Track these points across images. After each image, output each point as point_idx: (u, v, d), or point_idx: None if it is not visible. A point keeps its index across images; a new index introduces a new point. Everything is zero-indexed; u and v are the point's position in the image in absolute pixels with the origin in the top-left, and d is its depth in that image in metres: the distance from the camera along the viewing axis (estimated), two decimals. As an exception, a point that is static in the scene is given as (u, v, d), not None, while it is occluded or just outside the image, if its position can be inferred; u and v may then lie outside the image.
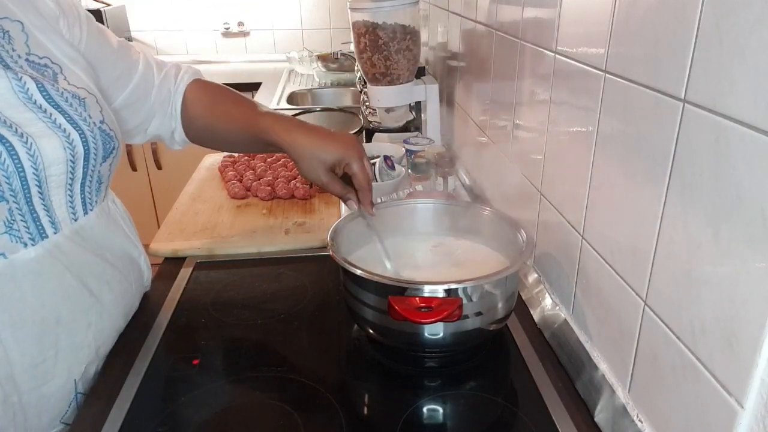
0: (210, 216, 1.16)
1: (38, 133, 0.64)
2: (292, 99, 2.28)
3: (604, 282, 0.64)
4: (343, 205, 1.18)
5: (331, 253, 0.72)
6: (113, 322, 0.77)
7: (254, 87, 2.56)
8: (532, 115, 0.85)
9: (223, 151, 1.03)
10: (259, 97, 2.35)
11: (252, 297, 0.91)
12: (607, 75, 0.61)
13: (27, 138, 0.62)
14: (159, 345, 0.78)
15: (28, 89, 0.65)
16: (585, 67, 0.66)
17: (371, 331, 0.73)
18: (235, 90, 0.93)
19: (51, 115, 0.66)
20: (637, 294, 0.57)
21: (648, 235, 0.54)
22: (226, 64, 3.10)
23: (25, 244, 0.64)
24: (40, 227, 0.65)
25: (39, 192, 0.64)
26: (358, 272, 0.68)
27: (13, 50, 0.66)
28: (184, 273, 0.97)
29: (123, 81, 0.84)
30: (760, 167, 0.40)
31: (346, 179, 0.83)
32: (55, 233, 0.67)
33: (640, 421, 0.58)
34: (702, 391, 0.47)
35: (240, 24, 3.08)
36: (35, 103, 0.65)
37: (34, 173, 0.63)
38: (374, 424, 0.67)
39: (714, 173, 0.45)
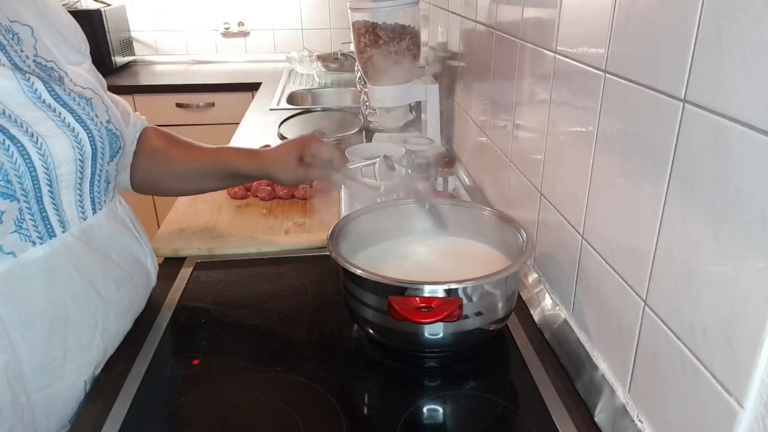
0: (210, 216, 1.16)
1: (48, 133, 0.64)
2: (292, 99, 2.27)
3: (604, 282, 0.64)
4: (343, 204, 1.19)
5: (331, 253, 0.72)
6: (119, 323, 0.77)
7: (254, 87, 2.55)
8: (532, 115, 0.85)
9: (170, 195, 1.02)
10: (259, 97, 2.35)
11: (252, 297, 0.91)
12: (607, 75, 0.61)
13: (37, 138, 0.63)
14: (159, 345, 0.78)
15: (36, 89, 0.65)
16: (585, 67, 0.66)
17: (371, 331, 0.73)
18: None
19: (60, 114, 0.66)
20: (637, 294, 0.57)
21: (648, 235, 0.54)
22: (226, 64, 3.10)
23: (34, 243, 0.64)
24: (48, 226, 0.65)
25: (49, 191, 0.65)
26: (358, 272, 0.68)
27: (22, 51, 0.67)
28: (184, 273, 0.97)
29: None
30: (760, 167, 0.40)
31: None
32: (64, 232, 0.67)
33: (640, 421, 0.58)
34: (702, 391, 0.47)
35: (240, 24, 3.08)
36: (44, 102, 0.65)
37: (45, 173, 0.63)
38: (374, 424, 0.67)
39: (714, 173, 0.45)
